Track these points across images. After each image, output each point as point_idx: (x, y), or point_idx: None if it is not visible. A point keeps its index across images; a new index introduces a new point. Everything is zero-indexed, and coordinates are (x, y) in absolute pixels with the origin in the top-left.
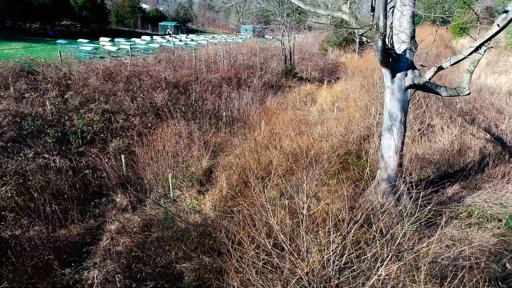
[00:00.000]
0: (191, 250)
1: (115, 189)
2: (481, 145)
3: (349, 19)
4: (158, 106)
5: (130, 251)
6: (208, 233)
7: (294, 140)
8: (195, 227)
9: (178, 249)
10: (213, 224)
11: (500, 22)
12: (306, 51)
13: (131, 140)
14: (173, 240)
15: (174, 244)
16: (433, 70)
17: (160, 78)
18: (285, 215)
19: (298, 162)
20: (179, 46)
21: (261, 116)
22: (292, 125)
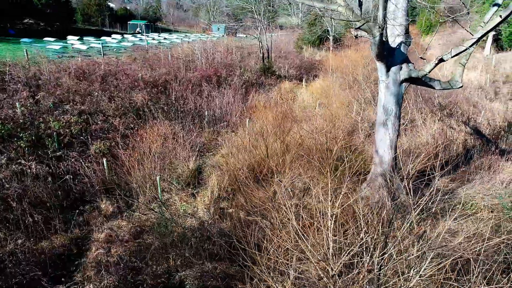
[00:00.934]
0: (191, 256)
1: (99, 194)
2: (463, 138)
3: (345, 11)
4: (138, 106)
5: (124, 261)
6: (206, 238)
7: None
8: (192, 231)
9: (177, 256)
10: (211, 228)
11: (502, 13)
12: (281, 49)
13: (112, 142)
14: (171, 247)
15: (172, 251)
16: (434, 62)
17: (137, 77)
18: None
19: (298, 159)
20: (153, 44)
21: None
22: (277, 122)
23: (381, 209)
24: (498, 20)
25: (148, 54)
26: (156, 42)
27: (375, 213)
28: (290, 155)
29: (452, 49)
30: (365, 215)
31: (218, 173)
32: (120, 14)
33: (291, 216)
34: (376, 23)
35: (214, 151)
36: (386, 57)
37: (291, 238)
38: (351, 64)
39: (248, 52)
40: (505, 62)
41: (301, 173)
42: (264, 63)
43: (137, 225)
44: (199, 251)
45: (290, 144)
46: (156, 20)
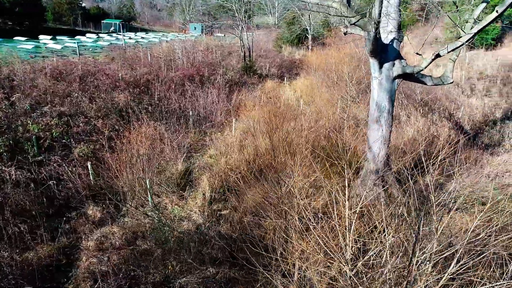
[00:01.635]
0: (191, 261)
1: (85, 200)
2: (447, 133)
3: (339, 7)
4: (121, 107)
5: (119, 269)
6: (204, 241)
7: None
8: (189, 236)
9: (176, 262)
10: (208, 231)
11: (499, 8)
12: (261, 48)
13: (97, 145)
14: (169, 252)
15: (170, 257)
16: (430, 58)
17: (117, 77)
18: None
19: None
20: (131, 44)
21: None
22: (279, 120)
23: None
24: (494, 15)
25: (127, 53)
26: (133, 42)
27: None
28: (298, 154)
29: (449, 45)
30: (388, 216)
31: (208, 174)
32: (93, 13)
33: (308, 217)
34: (370, 19)
35: (202, 152)
36: (379, 53)
37: (312, 240)
38: (334, 62)
39: (228, 51)
40: (478, 60)
41: (306, 172)
42: (245, 62)
43: (129, 231)
44: (198, 255)
45: (293, 143)
46: (130, 19)
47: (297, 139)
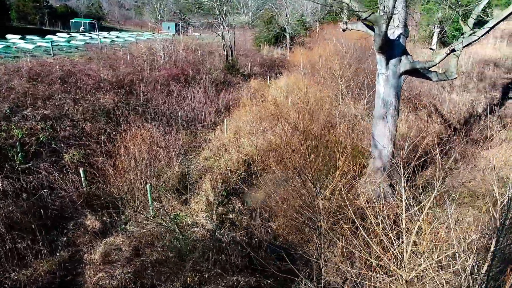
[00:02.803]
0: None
1: (81, 209)
2: (435, 128)
3: (350, 2)
4: (108, 109)
5: (133, 283)
6: (222, 249)
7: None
8: (203, 242)
9: (194, 272)
10: (223, 237)
11: None
12: (240, 47)
13: (87, 149)
14: (186, 261)
15: (187, 266)
16: (445, 52)
17: (100, 78)
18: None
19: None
20: (106, 43)
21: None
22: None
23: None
24: (510, 10)
25: (104, 53)
26: (109, 41)
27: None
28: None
29: (464, 39)
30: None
31: (210, 176)
32: (61, 11)
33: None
34: (384, 14)
35: (195, 154)
36: (386, 49)
37: (376, 246)
38: (321, 60)
39: (208, 51)
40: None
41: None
42: (228, 61)
43: (136, 241)
44: (217, 263)
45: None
46: (99, 18)
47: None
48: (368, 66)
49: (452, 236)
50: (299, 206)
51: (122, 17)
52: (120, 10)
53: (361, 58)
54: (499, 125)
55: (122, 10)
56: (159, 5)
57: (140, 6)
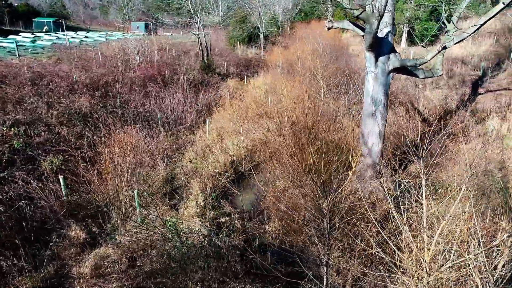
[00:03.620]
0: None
1: (65, 220)
2: (414, 124)
3: (341, 0)
4: (84, 112)
5: None
6: (220, 255)
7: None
8: (201, 249)
9: (196, 280)
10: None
11: (505, 0)
12: (214, 46)
13: (66, 155)
14: (185, 270)
15: (186, 274)
16: (437, 50)
17: (72, 79)
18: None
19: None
20: (75, 43)
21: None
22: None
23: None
24: (501, 7)
25: (74, 54)
26: (77, 41)
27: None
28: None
29: (455, 37)
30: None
31: (198, 179)
32: (22, 10)
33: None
34: (375, 12)
35: (178, 156)
36: (376, 47)
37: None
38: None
39: (182, 51)
40: (422, 55)
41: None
42: (204, 61)
43: (128, 250)
44: (218, 271)
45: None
46: (63, 17)
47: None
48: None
49: (477, 234)
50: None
51: (88, 17)
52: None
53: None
54: (473, 120)
55: (86, 10)
56: (127, 4)
57: (106, 5)
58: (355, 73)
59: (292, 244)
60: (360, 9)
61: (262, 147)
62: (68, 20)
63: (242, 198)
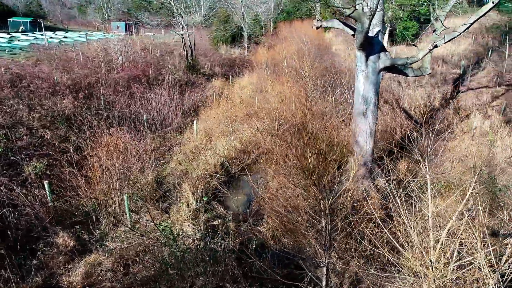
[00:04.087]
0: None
1: (51, 227)
2: (400, 123)
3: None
4: (68, 115)
5: None
6: (217, 259)
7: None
8: (197, 254)
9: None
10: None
11: (495, 0)
12: (198, 46)
13: (50, 159)
14: (182, 276)
15: (183, 281)
16: (428, 48)
17: (54, 81)
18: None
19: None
20: (54, 44)
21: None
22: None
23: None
24: (490, 6)
25: (53, 54)
26: (57, 41)
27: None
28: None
29: (446, 35)
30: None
31: (189, 182)
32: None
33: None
34: (366, 11)
35: (166, 159)
36: (366, 46)
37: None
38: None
39: (165, 51)
40: (403, 54)
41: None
42: (188, 61)
43: (120, 257)
44: (215, 276)
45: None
46: (40, 17)
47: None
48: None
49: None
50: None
51: (65, 17)
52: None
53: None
54: (456, 117)
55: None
56: (106, 4)
57: (84, 5)
58: (341, 73)
59: (290, 246)
60: (352, 8)
61: (252, 147)
62: (45, 20)
63: (234, 200)
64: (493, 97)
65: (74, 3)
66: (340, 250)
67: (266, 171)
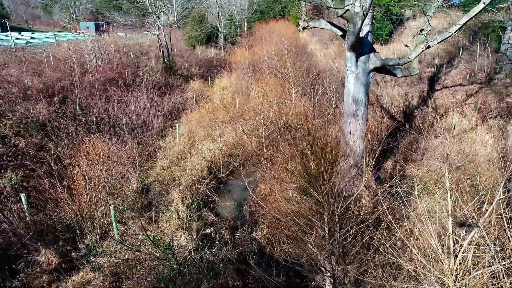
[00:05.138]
0: None
1: (31, 244)
2: (383, 122)
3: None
4: (42, 121)
5: None
6: (215, 271)
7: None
8: (194, 267)
9: None
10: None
11: (486, 0)
12: (174, 47)
13: (27, 170)
14: None
15: None
16: (421, 49)
17: (24, 85)
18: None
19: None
20: (21, 45)
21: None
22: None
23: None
24: (481, 7)
25: (20, 56)
26: (24, 43)
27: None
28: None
29: (438, 36)
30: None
31: (178, 189)
32: None
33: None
34: (358, 12)
35: (149, 164)
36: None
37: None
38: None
39: (140, 52)
40: (381, 53)
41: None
42: (165, 62)
43: (110, 274)
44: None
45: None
46: (2, 17)
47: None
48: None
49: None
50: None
51: (29, 16)
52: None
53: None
54: (435, 115)
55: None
56: (73, 3)
57: (49, 4)
58: (321, 73)
59: (291, 254)
60: (345, 8)
61: (239, 150)
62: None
63: (224, 206)
64: (467, 95)
65: (38, 2)
66: (350, 260)
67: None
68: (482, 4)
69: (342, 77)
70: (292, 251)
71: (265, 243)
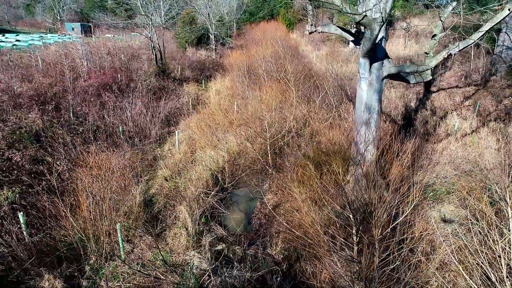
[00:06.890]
0: None
1: (32, 268)
2: (385, 126)
3: (341, 4)
4: (36, 131)
5: None
6: None
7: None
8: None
9: None
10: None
11: (510, 6)
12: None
13: (24, 186)
14: None
15: None
16: (442, 56)
17: (14, 92)
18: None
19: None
20: (6, 48)
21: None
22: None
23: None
24: (506, 13)
25: (6, 61)
26: (9, 46)
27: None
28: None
29: (460, 43)
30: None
31: (184, 202)
32: None
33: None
34: (377, 18)
35: (150, 174)
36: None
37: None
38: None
39: (131, 54)
40: None
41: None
42: (158, 65)
43: None
44: None
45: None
46: None
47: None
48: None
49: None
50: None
51: (12, 17)
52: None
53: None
54: (436, 118)
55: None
56: (57, 3)
57: (31, 4)
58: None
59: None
60: (362, 14)
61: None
62: None
63: (232, 218)
64: (464, 97)
65: (20, 2)
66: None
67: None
68: (507, 11)
69: (341, 80)
70: (310, 268)
71: (281, 259)
